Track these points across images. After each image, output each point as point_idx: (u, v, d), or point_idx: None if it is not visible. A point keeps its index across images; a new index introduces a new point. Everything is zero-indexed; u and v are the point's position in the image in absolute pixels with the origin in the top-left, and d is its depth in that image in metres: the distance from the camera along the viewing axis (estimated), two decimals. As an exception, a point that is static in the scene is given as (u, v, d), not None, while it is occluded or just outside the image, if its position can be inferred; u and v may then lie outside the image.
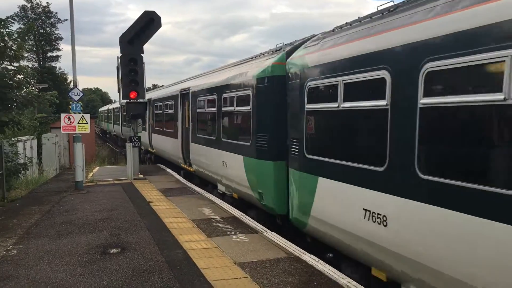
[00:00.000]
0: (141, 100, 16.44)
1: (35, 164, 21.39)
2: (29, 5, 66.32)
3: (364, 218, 6.31)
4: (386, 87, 5.88)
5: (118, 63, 16.25)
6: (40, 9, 67.13)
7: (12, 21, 16.04)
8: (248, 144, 10.63)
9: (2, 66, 15.95)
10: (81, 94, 15.66)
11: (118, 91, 16.63)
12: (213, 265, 6.96)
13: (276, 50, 10.67)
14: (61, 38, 69.31)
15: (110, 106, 54.61)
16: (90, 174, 18.04)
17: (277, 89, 9.62)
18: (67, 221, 10.07)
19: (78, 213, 10.90)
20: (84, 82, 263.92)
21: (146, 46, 16.42)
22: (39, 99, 18.12)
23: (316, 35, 9.12)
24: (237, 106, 11.62)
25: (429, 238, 5.15)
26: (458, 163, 4.91)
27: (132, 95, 16.05)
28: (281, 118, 9.35)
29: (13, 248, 8.05)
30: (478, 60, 4.53)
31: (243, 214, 10.53)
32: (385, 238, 5.88)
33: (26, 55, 27.15)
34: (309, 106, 8.01)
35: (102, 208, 11.41)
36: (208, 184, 14.59)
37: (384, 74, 5.94)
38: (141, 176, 17.12)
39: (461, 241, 4.73)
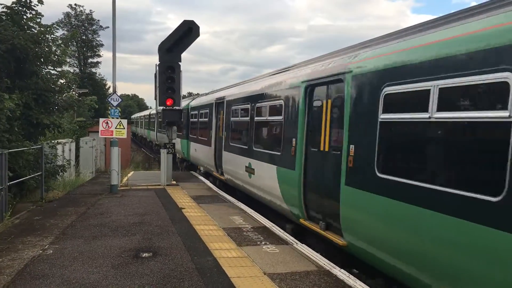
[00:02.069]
0: (177, 108, 16.70)
1: (72, 166, 22.00)
2: (73, 12, 68.77)
3: (194, 151, 21.76)
4: (213, 117, 18.29)
5: (156, 71, 16.58)
6: (83, 16, 69.49)
7: (57, 27, 16.61)
8: (182, 134, 24.14)
9: (46, 70, 16.53)
10: (120, 100, 16.08)
11: (155, 98, 16.96)
12: (243, 274, 6.96)
13: (193, 96, 29.25)
14: (102, 45, 71.67)
15: (139, 114, 69.02)
16: (125, 178, 18.40)
17: (189, 114, 23.47)
18: (101, 224, 10.30)
19: (112, 216, 11.13)
20: (122, 88, 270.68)
21: (183, 55, 16.69)
22: (79, 103, 18.66)
23: (192, 95, 35.01)
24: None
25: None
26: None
27: (169, 102, 16.33)
28: (188, 124, 23.67)
29: (49, 248, 8.28)
30: None
31: (273, 225, 10.50)
32: (193, 156, 22.22)
33: (68, 60, 28.03)
34: (191, 120, 23.05)
35: (135, 212, 11.62)
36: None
37: (211, 109, 18.66)
38: (174, 182, 17.34)
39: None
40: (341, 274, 7.06)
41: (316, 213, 9.07)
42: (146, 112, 56.33)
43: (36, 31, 15.29)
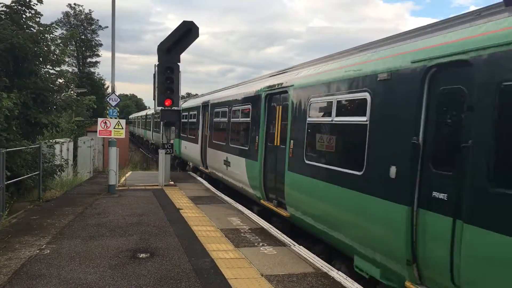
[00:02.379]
0: (175, 108, 16.70)
1: (70, 166, 21.96)
2: (72, 12, 68.66)
3: (185, 149, 24.05)
4: (200, 118, 20.48)
5: (155, 71, 16.56)
6: (82, 16, 69.37)
7: (56, 26, 16.59)
8: (177, 133, 22.27)
9: (44, 70, 16.50)
10: (118, 100, 16.07)
11: (154, 98, 16.93)
12: (240, 275, 6.96)
13: (185, 98, 31.60)
14: (101, 45, 71.46)
15: (137, 114, 72.68)
16: (123, 179, 18.38)
17: (182, 113, 23.36)
18: (99, 224, 10.29)
19: (109, 216, 11.12)
20: (121, 88, 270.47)
21: (182, 55, 16.68)
22: (77, 103, 18.62)
23: (190, 96, 43.90)
24: None
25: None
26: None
27: (167, 102, 16.30)
28: (180, 124, 23.11)
29: (46, 247, 8.27)
30: None
31: (271, 226, 10.52)
32: (184, 153, 24.76)
33: (67, 60, 28.05)
34: (182, 120, 23.48)
35: (133, 213, 11.60)
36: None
37: (199, 111, 20.98)
38: (172, 182, 17.32)
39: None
40: (339, 276, 7.07)
41: (271, 194, 11.45)
42: (143, 113, 60.26)
43: (35, 31, 15.26)
